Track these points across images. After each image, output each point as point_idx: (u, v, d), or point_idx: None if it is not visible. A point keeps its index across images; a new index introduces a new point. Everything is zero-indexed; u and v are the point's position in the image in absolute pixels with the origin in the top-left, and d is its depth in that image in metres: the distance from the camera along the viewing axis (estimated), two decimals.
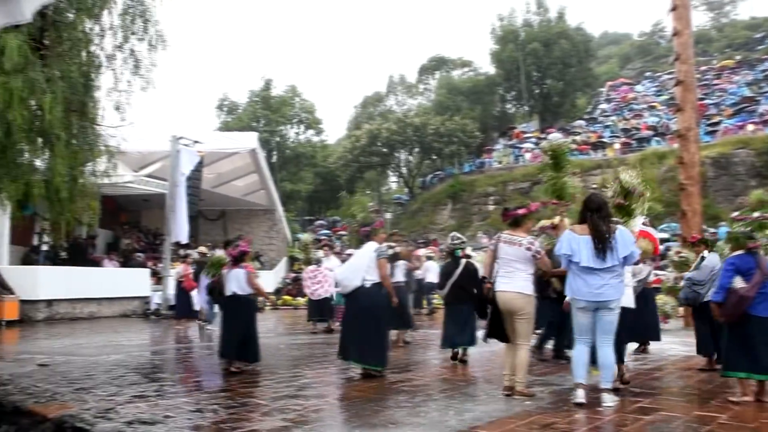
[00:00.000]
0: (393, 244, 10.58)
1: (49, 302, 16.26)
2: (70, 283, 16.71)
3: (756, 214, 9.97)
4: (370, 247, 7.52)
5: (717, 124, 38.46)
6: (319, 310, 13.68)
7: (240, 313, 8.22)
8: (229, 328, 8.24)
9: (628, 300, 6.44)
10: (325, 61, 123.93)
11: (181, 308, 14.99)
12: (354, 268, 7.41)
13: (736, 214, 10.48)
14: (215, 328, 12.04)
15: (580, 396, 5.74)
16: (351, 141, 47.03)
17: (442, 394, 6.50)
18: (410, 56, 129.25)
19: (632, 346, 9.34)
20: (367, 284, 7.34)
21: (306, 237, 17.65)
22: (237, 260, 8.36)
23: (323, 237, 31.64)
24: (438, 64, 58.44)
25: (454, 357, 8.93)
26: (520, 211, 6.42)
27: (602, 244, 5.71)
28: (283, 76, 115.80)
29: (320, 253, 14.69)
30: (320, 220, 44.78)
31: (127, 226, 24.74)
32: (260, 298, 10.31)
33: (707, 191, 31.83)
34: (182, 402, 6.06)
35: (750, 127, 35.71)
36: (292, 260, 28.26)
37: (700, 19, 74.84)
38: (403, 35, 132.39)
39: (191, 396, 6.47)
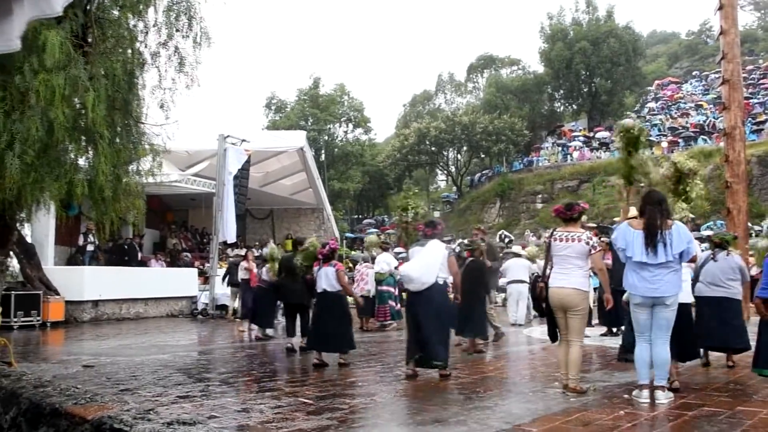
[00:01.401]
0: (474, 240, 10.57)
1: (95, 303, 16.20)
2: (116, 284, 16.64)
3: None
4: (440, 246, 7.45)
5: (763, 122, 38.33)
6: (360, 308, 13.64)
7: (333, 309, 8.49)
8: (323, 322, 8.50)
9: (686, 296, 6.31)
10: (374, 60, 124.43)
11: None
12: (429, 266, 7.24)
13: None
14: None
15: (645, 396, 5.68)
16: (399, 139, 47.08)
17: (488, 392, 6.46)
18: (459, 55, 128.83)
19: None
20: (440, 281, 7.29)
21: (371, 238, 17.50)
22: (327, 258, 8.64)
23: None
24: (487, 62, 58.06)
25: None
26: (582, 206, 6.41)
27: (653, 238, 5.62)
28: (332, 75, 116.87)
29: (373, 252, 14.64)
30: (368, 218, 44.88)
31: (174, 226, 24.95)
32: None
33: (752, 189, 31.19)
34: (228, 401, 6.07)
35: None
36: (340, 259, 28.30)
37: (747, 18, 73.66)
38: (453, 34, 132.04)
39: (238, 396, 6.48)
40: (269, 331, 12.50)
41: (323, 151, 47.77)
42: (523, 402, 5.93)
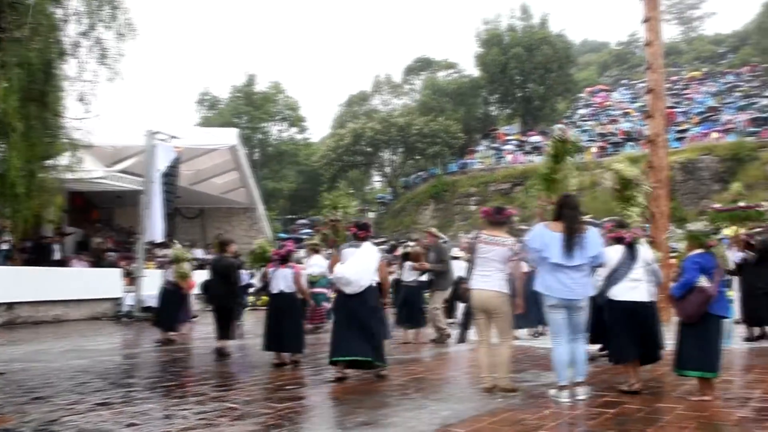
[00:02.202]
0: (411, 243, 10.64)
1: (9, 305, 15.32)
2: (34, 285, 15.66)
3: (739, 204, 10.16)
4: (372, 248, 7.49)
5: (685, 131, 40.14)
6: None
7: (289, 310, 8.61)
8: (278, 323, 8.57)
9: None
10: (310, 59, 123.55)
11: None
12: (365, 269, 7.23)
13: (717, 206, 10.70)
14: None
15: (565, 396, 5.78)
16: (335, 140, 46.89)
17: (418, 393, 6.47)
18: (396, 56, 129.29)
19: None
20: (374, 284, 7.30)
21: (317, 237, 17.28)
22: (284, 260, 8.73)
23: (304, 236, 31.35)
24: (423, 65, 58.42)
25: None
26: (510, 212, 6.51)
27: (572, 241, 5.76)
28: (267, 72, 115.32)
29: (302, 253, 14.48)
30: (302, 219, 44.51)
31: (99, 225, 24.16)
32: None
33: (675, 194, 32.57)
34: (150, 408, 5.89)
35: (714, 135, 37.30)
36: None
37: (672, 32, 76.95)
38: (390, 35, 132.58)
39: (161, 402, 6.28)
40: (174, 335, 12.19)
41: (257, 150, 47.17)
42: (451, 403, 5.95)
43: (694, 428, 4.84)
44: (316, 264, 13.62)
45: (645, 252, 6.41)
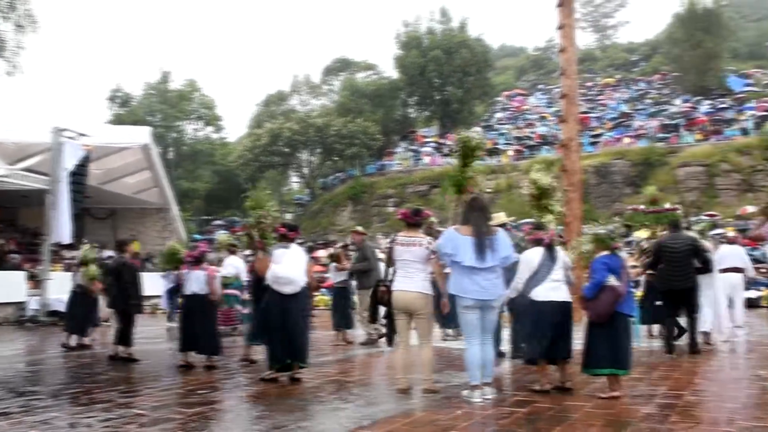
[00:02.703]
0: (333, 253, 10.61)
1: None
2: None
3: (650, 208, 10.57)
4: (300, 250, 7.47)
5: (599, 136, 41.60)
6: None
7: (202, 311, 8.52)
8: (191, 324, 8.51)
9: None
10: (227, 57, 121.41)
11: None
12: (298, 270, 7.18)
13: (631, 207, 11.14)
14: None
15: (477, 396, 5.88)
16: (252, 139, 46.21)
17: (332, 396, 6.45)
18: (315, 56, 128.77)
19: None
20: (304, 285, 7.27)
21: (222, 237, 16.89)
22: (198, 261, 8.65)
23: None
24: (342, 65, 58.34)
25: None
26: (427, 213, 6.64)
27: (482, 244, 5.88)
28: (182, 70, 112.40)
29: (222, 254, 14.15)
30: (218, 220, 43.62)
31: (2, 225, 23.01)
32: None
33: (588, 197, 33.91)
34: (53, 416, 5.63)
35: (626, 140, 39.13)
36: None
37: (587, 39, 79.63)
38: (309, 35, 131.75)
39: (64, 410, 6.02)
40: (86, 339, 11.75)
41: (171, 149, 45.92)
42: (365, 405, 5.95)
43: (602, 425, 5.00)
44: (231, 265, 13.36)
45: (562, 254, 6.64)
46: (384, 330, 10.97)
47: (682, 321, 9.13)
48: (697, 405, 5.78)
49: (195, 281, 8.52)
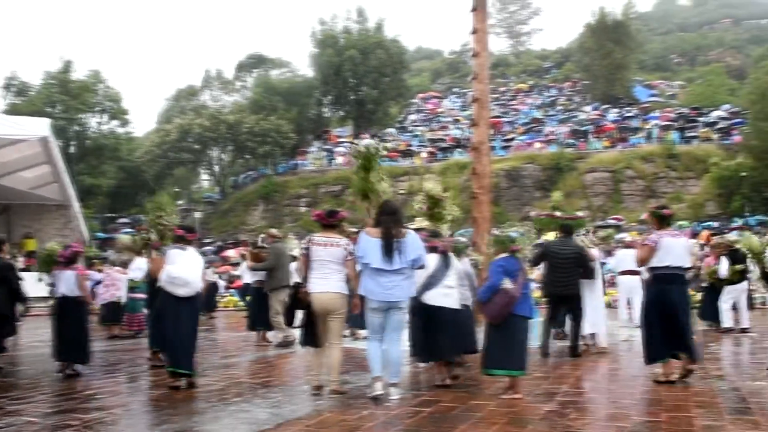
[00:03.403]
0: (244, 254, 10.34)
1: None
2: None
3: (556, 213, 10.83)
4: (197, 253, 7.27)
5: (511, 140, 42.49)
6: (106, 314, 12.68)
7: (72, 316, 8.02)
8: (61, 330, 8.05)
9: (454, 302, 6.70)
10: (135, 48, 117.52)
11: None
12: (195, 272, 6.98)
13: (534, 212, 11.41)
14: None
15: (379, 388, 5.96)
16: (160, 135, 44.92)
17: (237, 398, 6.32)
18: (229, 51, 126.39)
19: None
20: (199, 290, 7.10)
21: (124, 239, 16.13)
22: (70, 261, 8.11)
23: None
24: (257, 62, 57.58)
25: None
26: (342, 215, 6.62)
27: (390, 246, 5.97)
28: (86, 60, 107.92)
29: (124, 256, 13.63)
30: (123, 218, 42.04)
31: None
32: None
33: (500, 200, 34.89)
34: None
35: (537, 145, 40.46)
36: (90, 261, 26.14)
37: (502, 44, 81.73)
38: (223, 29, 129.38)
39: None
40: None
41: (73, 143, 43.91)
42: (270, 407, 5.86)
43: (505, 423, 5.09)
44: (138, 268, 12.91)
45: (457, 261, 6.90)
46: (292, 335, 10.91)
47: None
48: (595, 402, 5.98)
49: (65, 282, 8.02)
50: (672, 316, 6.54)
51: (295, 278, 12.74)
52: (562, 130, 43.00)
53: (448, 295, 6.52)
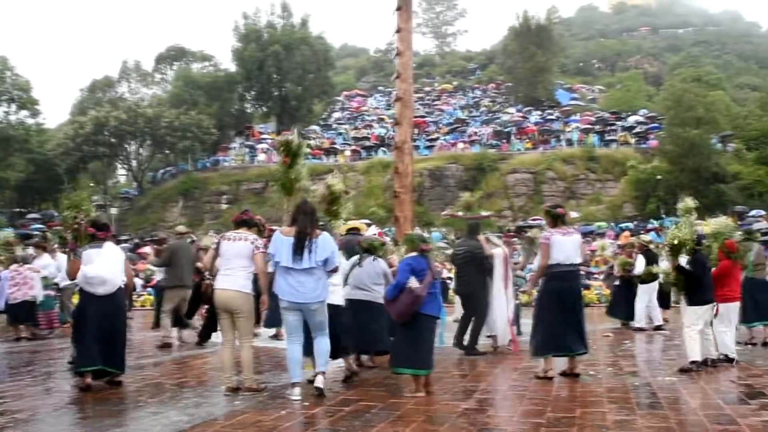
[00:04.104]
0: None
1: None
2: None
3: (462, 213, 10.91)
4: (116, 247, 7.08)
5: (435, 140, 42.86)
6: (17, 315, 12.07)
7: None
8: None
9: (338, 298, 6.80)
10: (47, 36, 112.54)
11: None
12: (113, 269, 6.78)
13: (445, 212, 11.49)
14: None
15: (297, 394, 5.91)
16: (74, 127, 43.06)
17: (153, 400, 6.18)
18: (148, 42, 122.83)
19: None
20: (122, 285, 6.95)
21: (5, 234, 15.34)
22: None
23: (35, 232, 28.18)
24: (177, 54, 56.11)
25: None
26: (249, 215, 6.64)
27: (301, 245, 5.92)
28: None
29: (30, 251, 13.00)
30: (33, 213, 40.10)
31: None
32: None
33: (423, 200, 35.24)
34: None
35: (460, 145, 40.97)
36: None
37: (428, 45, 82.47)
38: (142, 19, 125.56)
39: None
40: None
41: None
42: (186, 408, 5.73)
43: (422, 421, 5.12)
44: (50, 265, 12.38)
45: (344, 260, 7.25)
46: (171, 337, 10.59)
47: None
48: (512, 399, 6.07)
49: None
50: (565, 312, 6.75)
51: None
52: (486, 131, 43.74)
53: (332, 292, 6.49)
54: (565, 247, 6.79)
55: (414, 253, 6.27)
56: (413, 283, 6.01)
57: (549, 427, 4.88)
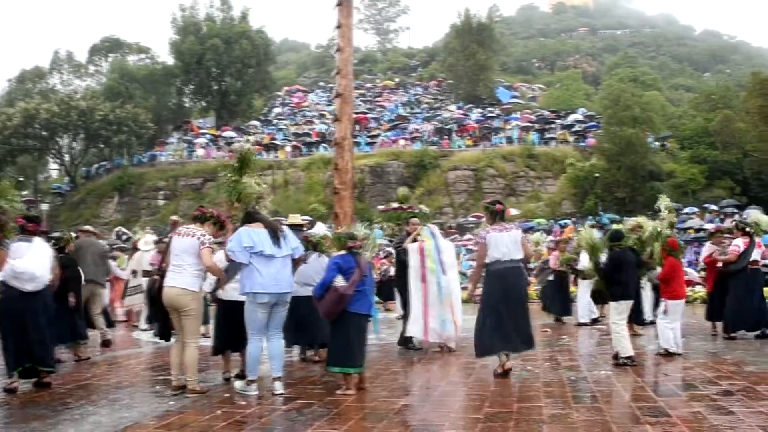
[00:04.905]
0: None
1: None
2: None
3: (397, 205, 10.91)
4: (44, 244, 6.86)
5: (376, 136, 42.80)
6: None
7: None
8: None
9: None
10: None
11: None
12: (42, 266, 6.59)
13: (381, 207, 11.46)
14: None
15: (254, 389, 5.94)
16: (1, 119, 41.41)
17: (81, 402, 5.96)
18: (81, 32, 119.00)
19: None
20: (48, 282, 6.73)
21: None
22: None
23: None
24: (112, 46, 54.69)
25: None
26: (216, 213, 6.59)
27: (276, 233, 6.11)
28: None
29: None
30: None
31: None
32: None
33: (364, 196, 35.23)
34: None
35: (402, 142, 40.86)
36: None
37: (370, 41, 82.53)
38: (75, 7, 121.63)
39: None
40: None
41: None
42: (117, 410, 5.56)
43: (360, 419, 5.11)
44: None
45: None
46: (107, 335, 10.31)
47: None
48: (450, 395, 6.09)
49: None
50: (508, 308, 6.68)
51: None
52: (427, 128, 43.94)
53: (236, 288, 6.43)
54: (503, 243, 6.74)
55: (343, 252, 6.24)
56: (339, 281, 6.01)
57: (486, 422, 4.92)
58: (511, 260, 6.79)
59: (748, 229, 9.72)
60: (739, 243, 9.57)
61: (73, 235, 9.89)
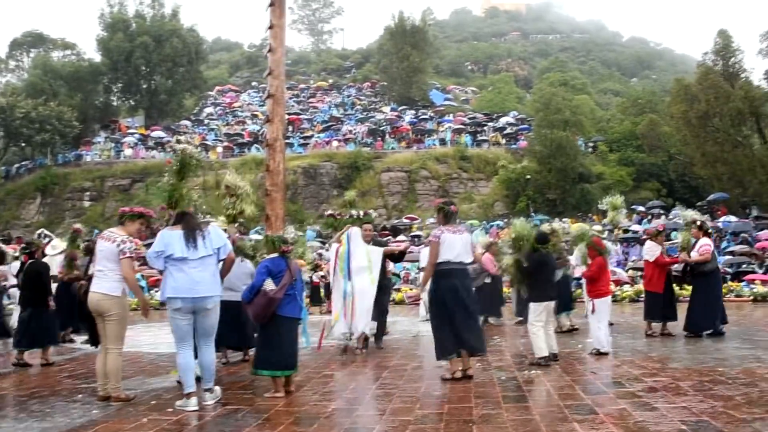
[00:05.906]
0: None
1: None
2: None
3: (345, 211, 10.82)
4: None
5: (309, 137, 42.55)
6: None
7: None
8: None
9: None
10: None
11: None
12: None
13: (329, 211, 11.33)
14: None
15: (194, 404, 5.56)
16: None
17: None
18: (1, 26, 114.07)
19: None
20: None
21: None
22: None
23: None
24: (35, 41, 52.79)
25: None
26: (137, 209, 6.43)
27: (193, 234, 5.68)
28: None
29: None
30: None
31: None
32: None
33: (297, 198, 35.04)
34: None
35: (335, 144, 41.05)
36: None
37: (303, 41, 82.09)
38: None
39: None
40: None
41: None
42: (38, 420, 5.36)
43: (290, 423, 5.06)
44: None
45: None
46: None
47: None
48: (381, 398, 6.09)
49: None
50: (458, 310, 6.72)
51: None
52: (360, 129, 44.04)
53: (227, 288, 6.43)
54: (456, 245, 6.72)
55: (274, 255, 6.18)
56: (269, 285, 5.93)
57: (417, 424, 4.94)
58: (461, 263, 6.79)
59: (709, 230, 9.96)
60: (708, 242, 9.63)
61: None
